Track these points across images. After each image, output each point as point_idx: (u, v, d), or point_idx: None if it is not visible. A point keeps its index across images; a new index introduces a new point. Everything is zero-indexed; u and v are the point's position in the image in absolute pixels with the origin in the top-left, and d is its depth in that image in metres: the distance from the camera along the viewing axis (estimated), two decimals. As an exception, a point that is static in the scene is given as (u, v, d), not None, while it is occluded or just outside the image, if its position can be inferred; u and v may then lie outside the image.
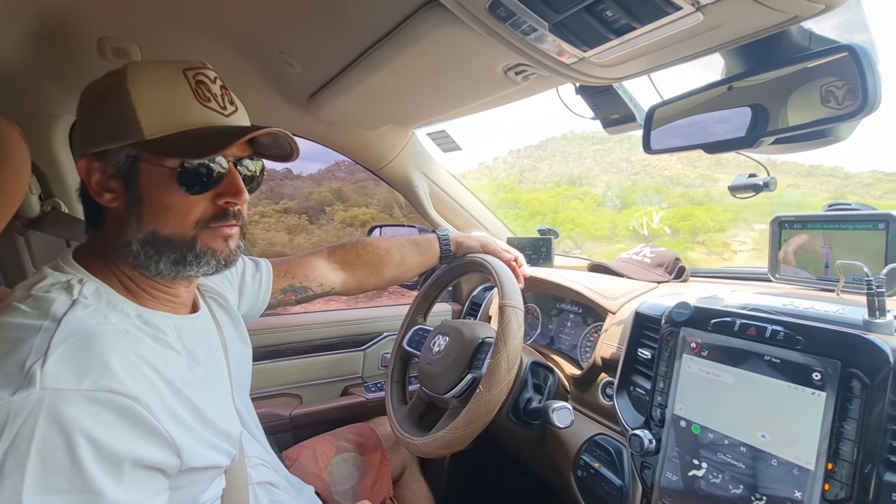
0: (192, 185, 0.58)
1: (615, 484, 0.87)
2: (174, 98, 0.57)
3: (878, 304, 0.65)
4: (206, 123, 0.58)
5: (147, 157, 0.57)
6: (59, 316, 0.49)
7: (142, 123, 0.55)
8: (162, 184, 0.57)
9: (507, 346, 0.86)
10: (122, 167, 0.57)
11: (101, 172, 0.58)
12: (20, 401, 0.43)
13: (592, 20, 0.55)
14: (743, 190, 0.92)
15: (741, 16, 0.51)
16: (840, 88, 0.59)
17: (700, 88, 0.75)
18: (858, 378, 0.59)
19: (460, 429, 0.86)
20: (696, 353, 0.76)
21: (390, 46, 0.83)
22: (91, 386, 0.46)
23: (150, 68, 0.58)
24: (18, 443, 0.43)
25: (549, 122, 11.97)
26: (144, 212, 0.58)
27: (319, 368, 1.47)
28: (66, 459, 0.44)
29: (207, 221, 0.60)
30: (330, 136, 1.41)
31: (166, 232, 0.58)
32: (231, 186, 0.60)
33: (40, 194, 1.13)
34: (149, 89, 0.56)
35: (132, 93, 0.55)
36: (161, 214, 0.58)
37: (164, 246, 0.58)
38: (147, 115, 0.55)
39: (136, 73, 0.57)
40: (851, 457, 0.57)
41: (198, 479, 0.59)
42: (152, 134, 0.55)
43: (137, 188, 0.57)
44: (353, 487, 1.06)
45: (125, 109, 0.55)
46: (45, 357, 0.45)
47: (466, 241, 1.14)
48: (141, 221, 0.58)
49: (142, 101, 0.55)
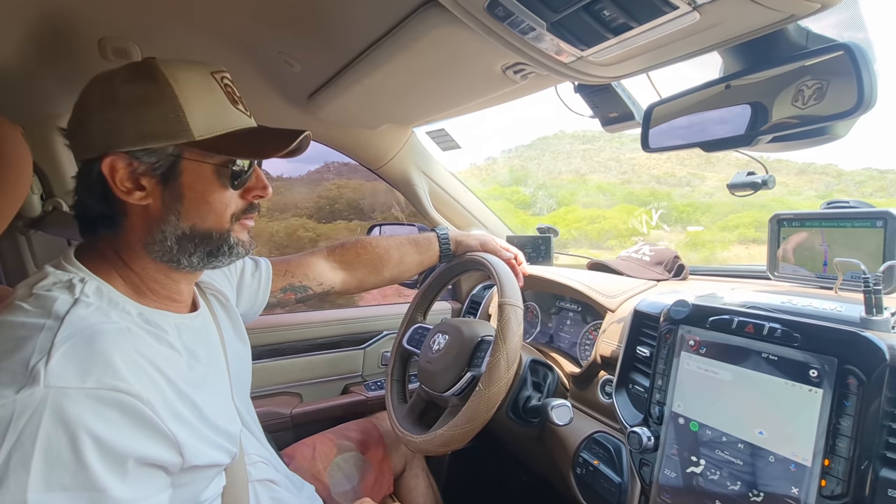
0: (234, 181, 0.62)
1: (614, 481, 0.88)
2: (214, 101, 0.60)
3: (874, 302, 0.65)
4: (240, 125, 0.62)
5: (192, 154, 0.59)
6: (61, 314, 0.50)
7: (191, 125, 0.58)
8: (205, 180, 0.60)
9: (506, 345, 0.86)
10: (160, 165, 0.58)
11: (129, 170, 0.58)
12: (24, 399, 0.44)
13: (590, 19, 0.55)
14: (742, 188, 0.92)
15: (737, 15, 0.51)
16: (842, 86, 0.59)
17: (698, 87, 0.76)
18: (855, 375, 0.59)
19: (460, 426, 0.86)
20: (695, 350, 0.77)
21: (389, 46, 0.83)
22: (95, 384, 0.46)
23: (186, 69, 0.60)
24: (23, 440, 0.43)
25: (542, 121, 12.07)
26: (185, 207, 0.60)
27: (320, 367, 1.48)
28: (70, 457, 0.44)
29: (240, 215, 0.65)
30: (329, 135, 1.42)
31: (206, 226, 0.62)
32: (259, 181, 0.66)
33: (42, 194, 1.13)
34: (193, 92, 0.59)
35: (180, 96, 0.57)
36: (203, 209, 0.61)
37: (203, 239, 0.62)
38: (195, 117, 0.58)
39: (176, 74, 0.58)
40: (848, 453, 0.58)
41: (199, 476, 0.60)
42: (202, 135, 0.58)
43: (177, 185, 0.59)
44: (353, 486, 1.06)
45: (174, 112, 0.57)
46: (49, 355, 0.46)
47: (466, 240, 1.15)
48: (180, 217, 0.60)
49: (189, 105, 0.58)
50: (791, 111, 0.64)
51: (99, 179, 0.58)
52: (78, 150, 0.60)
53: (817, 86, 0.61)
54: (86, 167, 0.59)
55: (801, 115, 0.63)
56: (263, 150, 0.62)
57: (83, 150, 0.59)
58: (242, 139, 0.61)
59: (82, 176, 0.60)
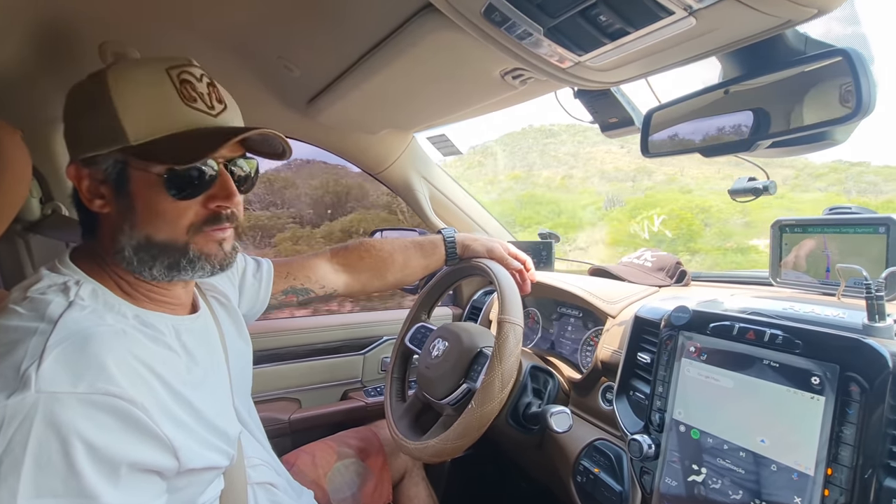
0: (181, 190, 0.57)
1: (615, 489, 0.87)
2: (158, 100, 0.56)
3: (877, 308, 0.64)
4: (193, 125, 0.57)
5: (135, 162, 0.56)
6: (55, 318, 0.49)
7: (126, 129, 0.54)
8: (151, 189, 0.56)
9: (502, 365, 0.85)
10: (110, 173, 0.57)
11: (90, 178, 0.57)
12: (15, 404, 0.43)
13: (587, 25, 0.55)
14: (742, 194, 0.92)
15: (734, 20, 0.51)
16: (841, 91, 0.59)
17: (697, 92, 0.75)
18: (857, 382, 0.58)
19: (451, 441, 0.86)
20: (696, 357, 0.76)
21: (388, 51, 0.84)
22: (87, 389, 0.46)
23: (133, 69, 0.57)
24: (14, 446, 0.42)
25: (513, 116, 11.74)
26: (136, 218, 0.57)
27: (319, 372, 1.47)
28: (61, 463, 0.44)
29: (200, 226, 0.59)
30: (329, 140, 1.42)
31: (160, 238, 0.57)
32: (223, 189, 0.59)
33: (41, 197, 1.13)
34: (132, 92, 0.55)
35: (115, 97, 0.54)
36: (153, 220, 0.57)
37: (158, 251, 0.58)
38: (131, 119, 0.54)
39: (119, 76, 0.56)
40: (851, 462, 0.57)
41: (196, 480, 0.59)
42: (138, 139, 0.55)
43: (128, 194, 0.57)
44: (353, 494, 1.05)
45: (109, 115, 0.54)
46: (41, 360, 0.45)
47: (473, 245, 1.10)
48: (133, 227, 0.57)
49: (125, 106, 0.54)
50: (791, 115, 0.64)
51: (74, 187, 0.59)
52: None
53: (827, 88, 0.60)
54: None
55: (801, 120, 0.62)
56: (200, 152, 0.55)
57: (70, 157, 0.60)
58: (187, 142, 0.56)
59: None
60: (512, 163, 11.99)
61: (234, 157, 0.62)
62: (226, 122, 0.60)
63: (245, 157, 0.64)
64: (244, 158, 0.64)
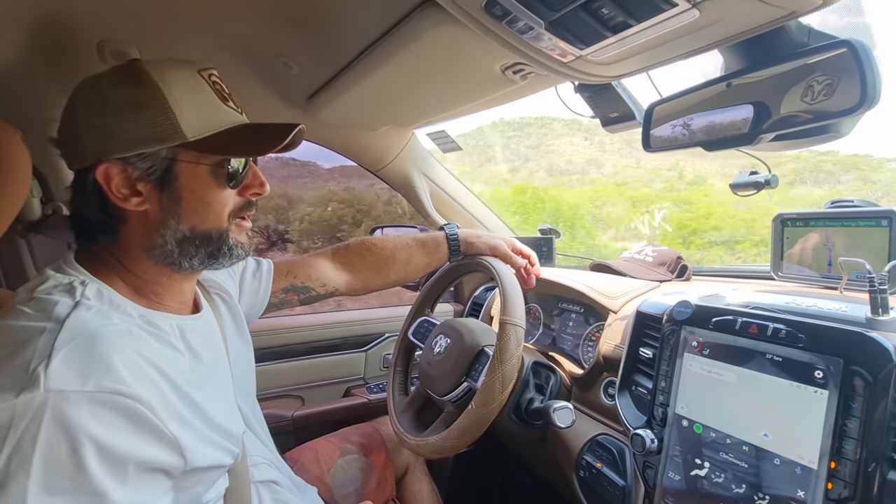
0: (231, 180, 0.62)
1: (617, 484, 0.87)
2: (204, 100, 0.60)
3: (880, 302, 0.64)
4: (235, 122, 0.61)
5: (187, 156, 0.59)
6: (62, 317, 0.49)
7: (183, 127, 0.57)
8: (200, 181, 0.60)
9: (502, 367, 0.84)
10: (156, 169, 0.58)
11: (124, 177, 0.57)
12: (24, 403, 0.43)
13: (588, 18, 0.55)
14: (744, 188, 0.92)
15: (737, 12, 0.51)
16: (845, 83, 0.58)
17: (699, 85, 0.75)
18: (861, 376, 0.58)
19: (451, 439, 0.86)
20: (698, 351, 0.76)
21: (387, 47, 0.83)
22: (95, 387, 0.46)
23: (173, 70, 0.59)
24: (23, 445, 0.43)
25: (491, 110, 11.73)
26: (182, 210, 0.60)
27: (321, 370, 1.48)
28: (70, 461, 0.44)
29: (236, 213, 0.65)
30: (329, 137, 1.41)
31: (205, 227, 0.61)
32: (256, 178, 0.66)
33: (41, 197, 1.13)
34: (182, 93, 0.58)
35: (169, 98, 0.56)
36: (201, 210, 0.61)
37: (202, 241, 0.62)
38: (186, 118, 0.57)
39: (162, 75, 0.57)
40: (855, 455, 0.57)
41: (202, 478, 0.60)
42: (194, 135, 0.57)
43: (175, 188, 0.59)
44: (356, 490, 1.06)
45: (165, 114, 0.56)
46: (49, 359, 0.45)
47: (476, 242, 1.09)
48: (179, 220, 0.60)
49: (179, 106, 0.57)
50: (794, 108, 0.63)
51: (95, 188, 0.57)
52: (70, 159, 0.59)
53: (828, 82, 0.60)
54: (80, 176, 0.59)
55: (804, 113, 0.62)
56: (258, 147, 0.61)
57: (75, 159, 0.58)
58: (235, 137, 0.60)
59: (77, 185, 0.60)
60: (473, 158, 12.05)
61: None
62: (246, 119, 0.64)
63: None
64: None
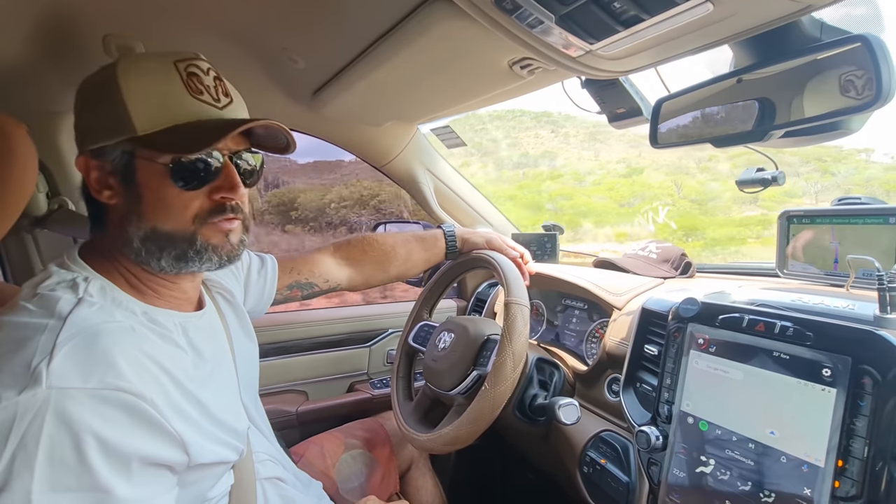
0: (186, 180, 0.57)
1: (621, 480, 0.87)
2: (165, 92, 0.56)
3: (889, 300, 0.64)
4: (199, 117, 0.57)
5: (142, 152, 0.57)
6: (64, 314, 0.49)
7: (133, 119, 0.55)
8: (158, 180, 0.57)
9: (512, 344, 0.85)
10: (118, 164, 0.57)
11: (99, 170, 0.58)
12: (27, 400, 0.43)
13: (600, 12, 0.54)
14: (751, 184, 0.91)
15: (752, 6, 0.50)
16: (858, 79, 0.58)
17: (708, 81, 0.74)
18: (870, 374, 0.58)
19: (465, 426, 0.86)
20: (704, 349, 0.76)
21: (395, 41, 0.82)
22: (97, 384, 0.46)
23: (141, 62, 0.58)
24: (27, 442, 0.43)
25: None
26: (144, 208, 0.58)
27: (325, 365, 1.48)
28: (74, 458, 0.44)
29: (206, 217, 0.59)
30: (334, 132, 1.41)
31: (167, 228, 0.58)
32: (227, 181, 0.60)
33: (47, 192, 1.13)
34: (139, 83, 0.56)
35: (123, 88, 0.55)
36: (160, 210, 0.58)
37: (165, 242, 0.58)
38: (138, 109, 0.55)
39: (127, 67, 0.57)
40: (862, 454, 0.57)
41: (206, 475, 0.60)
42: (144, 129, 0.55)
43: (135, 184, 0.57)
44: (361, 484, 1.06)
45: (117, 105, 0.55)
46: (51, 356, 0.45)
47: (472, 238, 1.14)
48: (141, 218, 0.58)
49: (132, 96, 0.55)
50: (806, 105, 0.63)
51: (83, 180, 0.60)
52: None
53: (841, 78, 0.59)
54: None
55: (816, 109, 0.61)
56: (204, 142, 0.56)
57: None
58: (192, 132, 0.56)
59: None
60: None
61: (238, 150, 0.62)
62: (231, 114, 0.61)
63: (250, 151, 0.65)
64: (249, 152, 0.64)
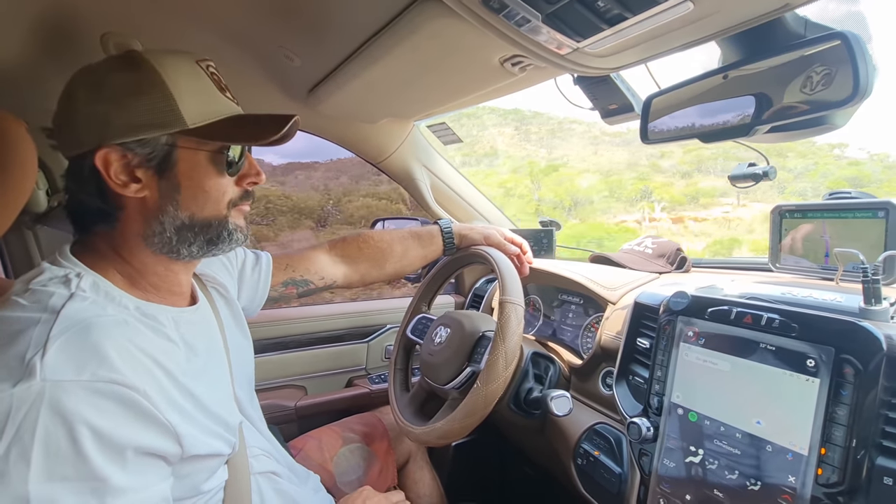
0: (229, 168, 0.63)
1: (614, 471, 0.88)
2: (203, 89, 0.60)
3: (873, 292, 0.65)
4: (230, 112, 0.62)
5: (186, 142, 0.59)
6: (57, 308, 0.50)
7: (183, 113, 0.57)
8: (200, 169, 0.61)
9: (505, 343, 0.86)
10: (155, 155, 0.58)
11: (123, 163, 0.57)
12: (21, 393, 0.44)
13: (584, 10, 0.55)
14: (742, 179, 0.92)
15: (731, 4, 0.51)
16: (839, 75, 0.58)
17: (696, 78, 0.75)
18: (852, 364, 0.59)
19: (458, 421, 0.87)
20: (694, 341, 0.77)
21: (387, 39, 0.83)
22: (90, 377, 0.47)
23: (173, 59, 0.59)
24: (22, 434, 0.44)
25: None
26: (182, 197, 0.60)
27: (324, 360, 1.49)
28: (69, 448, 0.45)
29: (236, 201, 0.65)
30: (330, 129, 1.42)
31: (205, 214, 0.62)
32: (253, 168, 0.66)
33: (47, 189, 1.14)
34: (181, 80, 0.58)
35: (169, 84, 0.57)
36: (200, 198, 0.61)
37: (202, 228, 0.62)
38: (187, 104, 0.58)
39: (164, 64, 0.58)
40: (844, 442, 0.58)
41: (200, 467, 0.60)
42: (194, 122, 0.58)
43: (174, 175, 0.59)
44: (358, 477, 1.07)
45: (165, 101, 0.57)
46: (45, 349, 0.46)
47: (469, 233, 1.14)
48: (178, 207, 0.60)
49: (180, 92, 0.58)
50: (790, 100, 0.64)
51: (92, 174, 0.57)
52: (66, 146, 0.59)
53: (823, 73, 0.60)
54: (76, 163, 0.58)
55: (800, 104, 0.62)
56: (257, 135, 0.61)
57: (72, 145, 0.58)
58: (234, 125, 0.61)
59: (73, 173, 0.60)
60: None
61: None
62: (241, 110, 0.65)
63: None
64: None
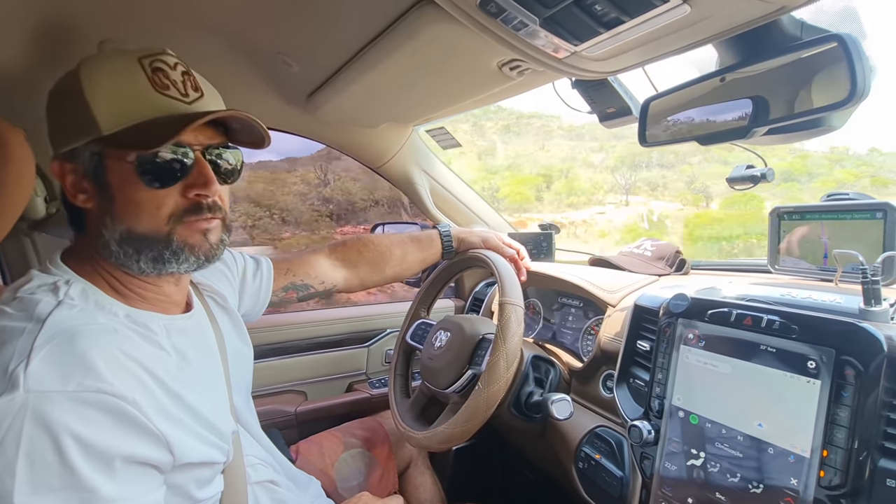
0: (154, 178, 0.55)
1: (615, 474, 0.88)
2: (129, 89, 0.55)
3: (872, 293, 0.65)
4: (165, 112, 0.55)
5: (110, 152, 0.55)
6: (42, 317, 0.49)
7: (97, 118, 0.54)
8: (128, 180, 0.55)
9: (505, 345, 0.86)
10: (89, 166, 0.56)
11: (73, 173, 0.57)
12: (4, 405, 0.43)
13: (582, 14, 0.56)
14: (741, 181, 0.93)
15: (728, 7, 0.51)
16: (836, 77, 0.59)
17: (693, 80, 0.76)
18: (852, 366, 0.59)
19: (459, 424, 0.87)
20: (694, 343, 0.77)
21: (385, 44, 0.84)
22: (77, 387, 0.46)
23: (104, 60, 0.57)
24: (6, 447, 0.43)
25: None
26: (117, 209, 0.56)
27: (324, 365, 1.49)
28: (55, 460, 0.44)
29: (181, 216, 0.58)
30: (329, 134, 1.42)
31: (140, 229, 0.56)
32: (200, 177, 0.57)
33: (45, 196, 1.14)
34: (102, 82, 0.55)
35: (86, 88, 0.54)
36: (132, 211, 0.56)
37: (141, 243, 0.57)
38: (102, 108, 0.54)
39: (89, 67, 0.56)
40: (846, 444, 0.58)
41: (194, 475, 0.59)
42: (109, 128, 0.54)
43: (107, 186, 0.56)
44: (359, 483, 1.07)
45: (81, 105, 0.54)
46: (29, 359, 0.45)
47: (468, 237, 1.15)
48: (115, 220, 0.56)
49: (95, 95, 0.54)
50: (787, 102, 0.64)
51: (60, 183, 0.59)
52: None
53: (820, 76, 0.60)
54: None
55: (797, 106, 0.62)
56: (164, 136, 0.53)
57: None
58: (153, 128, 0.54)
59: None
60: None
61: (212, 146, 0.60)
62: (202, 108, 0.58)
63: (228, 147, 0.63)
64: (227, 148, 0.62)
